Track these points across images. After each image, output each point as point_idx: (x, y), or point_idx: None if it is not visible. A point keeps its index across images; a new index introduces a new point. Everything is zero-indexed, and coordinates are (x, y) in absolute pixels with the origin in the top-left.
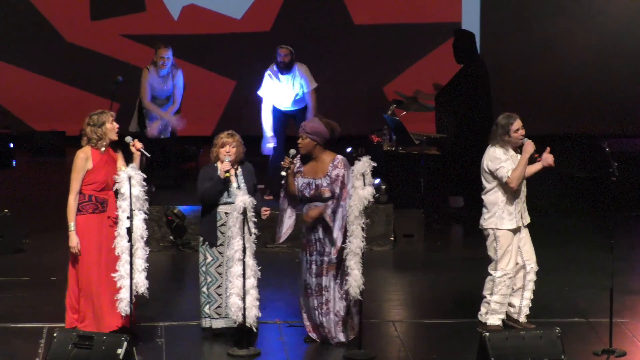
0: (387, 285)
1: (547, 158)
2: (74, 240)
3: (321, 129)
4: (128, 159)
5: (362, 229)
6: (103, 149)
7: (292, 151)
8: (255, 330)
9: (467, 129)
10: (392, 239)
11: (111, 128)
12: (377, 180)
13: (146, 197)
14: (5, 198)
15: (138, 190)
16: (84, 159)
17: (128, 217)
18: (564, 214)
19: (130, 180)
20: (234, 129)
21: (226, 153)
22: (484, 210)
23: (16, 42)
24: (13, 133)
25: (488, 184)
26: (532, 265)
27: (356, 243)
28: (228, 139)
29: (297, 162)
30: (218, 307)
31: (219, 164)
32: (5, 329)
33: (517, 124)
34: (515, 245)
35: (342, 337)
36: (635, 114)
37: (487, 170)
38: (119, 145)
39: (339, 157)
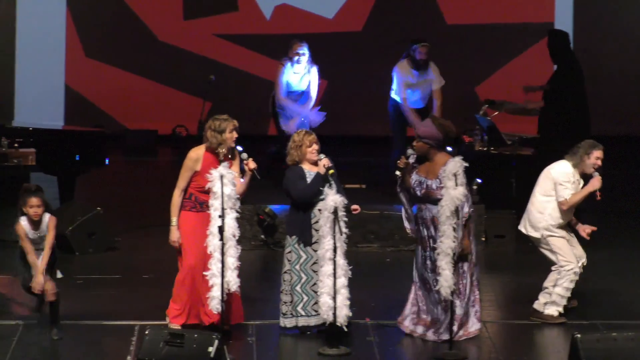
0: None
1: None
2: (175, 235)
3: (434, 132)
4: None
5: (454, 229)
6: (222, 156)
7: (409, 151)
8: (345, 329)
9: (561, 130)
10: (483, 239)
11: (229, 137)
12: (479, 180)
13: (238, 196)
14: (98, 196)
15: (230, 189)
16: (193, 160)
17: (220, 216)
18: None
19: (222, 179)
20: (326, 129)
21: (316, 150)
22: (537, 215)
23: (110, 41)
24: (106, 131)
25: (544, 191)
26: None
27: (447, 243)
28: (311, 137)
29: (413, 159)
30: (314, 303)
31: (303, 165)
32: (98, 326)
33: (600, 153)
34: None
35: (446, 335)
36: None
37: (553, 178)
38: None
39: (452, 160)
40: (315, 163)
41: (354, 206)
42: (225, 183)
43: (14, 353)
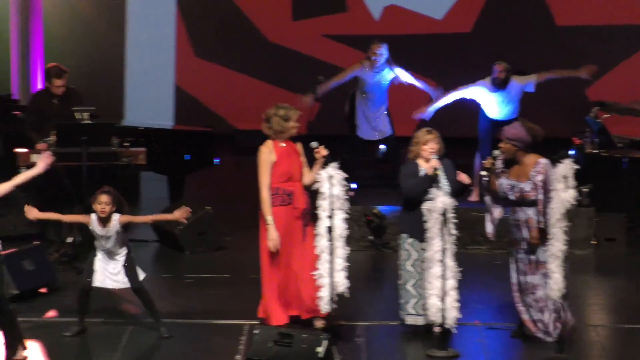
0: (588, 289)
1: None
2: (273, 234)
3: (522, 134)
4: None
5: (564, 232)
6: (283, 143)
7: (496, 152)
8: (454, 331)
9: None
10: (593, 242)
11: (294, 126)
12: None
13: (346, 197)
14: (207, 196)
15: (338, 189)
16: (267, 153)
17: (328, 217)
18: None
19: (331, 180)
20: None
21: (431, 150)
22: None
23: (220, 42)
24: (216, 131)
25: None
26: None
27: (557, 246)
28: (429, 136)
29: (500, 163)
30: (422, 304)
31: (420, 161)
32: (207, 325)
33: None
34: None
35: (555, 336)
36: None
37: None
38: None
39: (542, 161)
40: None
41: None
42: (334, 184)
43: (125, 351)
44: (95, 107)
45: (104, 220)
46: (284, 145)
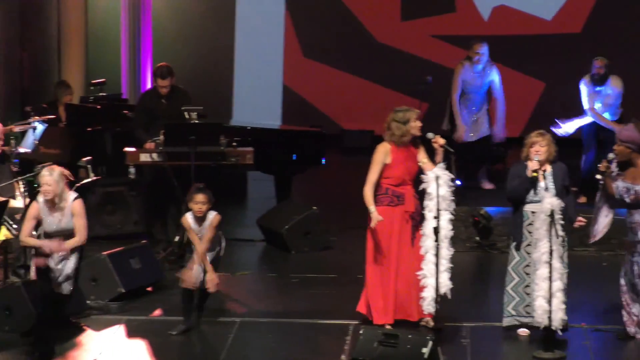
0: None
1: None
2: (376, 218)
3: (636, 136)
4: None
5: None
6: (403, 145)
7: (610, 155)
8: (560, 333)
9: None
10: None
11: (415, 126)
12: None
13: (453, 198)
14: (314, 195)
15: (445, 190)
16: (383, 153)
17: (435, 217)
18: None
19: (438, 180)
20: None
21: (535, 152)
22: None
23: (328, 42)
24: (323, 131)
25: None
26: None
27: None
28: (537, 138)
29: (614, 165)
30: (526, 305)
31: (528, 163)
32: (312, 324)
33: None
34: None
35: None
36: None
37: None
38: (421, 139)
39: None
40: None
41: (579, 219)
42: (441, 184)
43: (230, 350)
44: (204, 107)
45: (200, 219)
46: (403, 147)
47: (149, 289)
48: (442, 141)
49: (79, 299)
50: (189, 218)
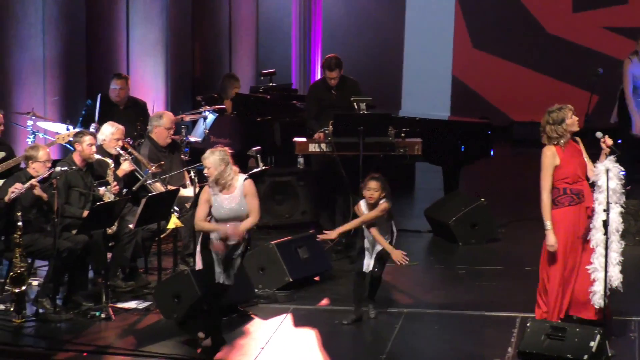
0: None
1: None
2: (551, 240)
3: None
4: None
5: None
6: (562, 146)
7: None
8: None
9: None
10: None
11: (571, 123)
12: None
13: (623, 191)
14: (482, 187)
15: (615, 183)
16: (550, 157)
17: (604, 210)
18: None
19: (608, 173)
20: None
21: None
22: None
23: (498, 34)
24: (492, 123)
25: None
26: None
27: None
28: None
29: None
30: None
31: None
32: (479, 317)
33: None
34: None
35: None
36: None
37: None
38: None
39: None
40: None
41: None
42: (611, 177)
43: (396, 340)
44: (373, 97)
45: (372, 207)
46: (567, 147)
47: (316, 278)
48: (610, 142)
49: (247, 288)
50: (362, 205)
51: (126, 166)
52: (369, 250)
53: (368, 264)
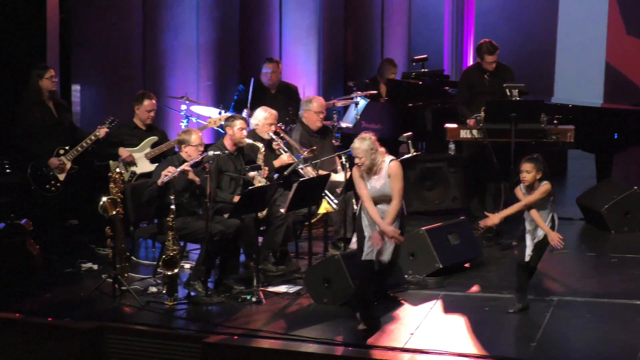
0: None
1: None
2: None
3: None
4: None
5: None
6: None
7: None
8: None
9: None
10: None
11: None
12: None
13: None
14: (635, 175)
15: None
16: None
17: None
18: None
19: None
20: None
21: None
22: None
23: None
24: None
25: None
26: None
27: None
28: None
29: None
30: None
31: None
32: (631, 305)
33: None
34: None
35: None
36: None
37: None
38: None
39: None
40: None
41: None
42: None
43: (547, 328)
44: (525, 84)
45: (529, 189)
46: None
47: (467, 265)
48: None
49: (397, 273)
50: (521, 188)
51: (285, 158)
52: (530, 233)
53: (529, 254)
